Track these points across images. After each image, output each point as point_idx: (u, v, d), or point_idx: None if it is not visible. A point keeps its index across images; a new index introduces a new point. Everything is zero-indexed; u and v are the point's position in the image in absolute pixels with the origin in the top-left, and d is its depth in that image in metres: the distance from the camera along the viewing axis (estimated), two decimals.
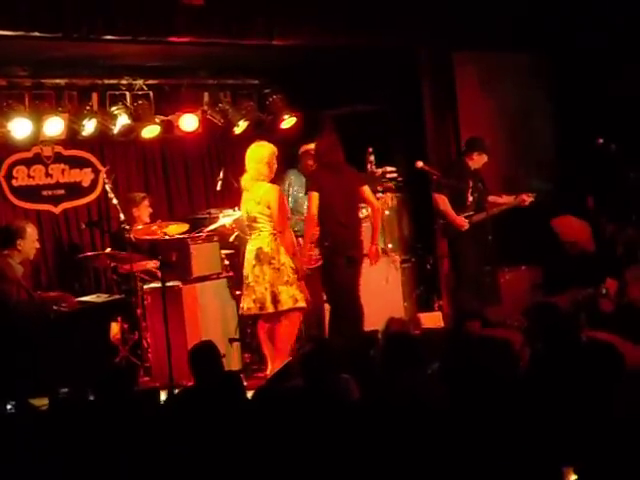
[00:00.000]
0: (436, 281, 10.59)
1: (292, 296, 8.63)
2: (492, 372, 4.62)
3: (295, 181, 9.93)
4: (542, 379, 4.96)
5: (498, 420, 4.30)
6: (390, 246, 10.51)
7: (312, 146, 9.23)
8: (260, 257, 8.68)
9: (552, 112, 11.83)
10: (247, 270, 8.75)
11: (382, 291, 9.85)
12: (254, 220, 8.73)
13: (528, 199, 9.84)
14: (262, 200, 8.65)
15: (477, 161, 9.86)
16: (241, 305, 8.85)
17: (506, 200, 9.98)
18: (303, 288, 8.72)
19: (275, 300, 8.69)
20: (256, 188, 8.73)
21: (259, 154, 8.86)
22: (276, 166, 8.84)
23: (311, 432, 4.50)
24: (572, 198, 10.97)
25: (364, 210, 9.36)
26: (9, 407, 6.47)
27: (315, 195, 8.62)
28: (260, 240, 8.66)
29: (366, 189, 8.94)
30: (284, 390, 5.67)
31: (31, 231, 8.40)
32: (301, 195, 9.20)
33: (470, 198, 9.81)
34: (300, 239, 9.04)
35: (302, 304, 8.70)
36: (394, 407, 4.61)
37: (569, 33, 11.04)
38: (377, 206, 9.11)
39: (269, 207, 8.61)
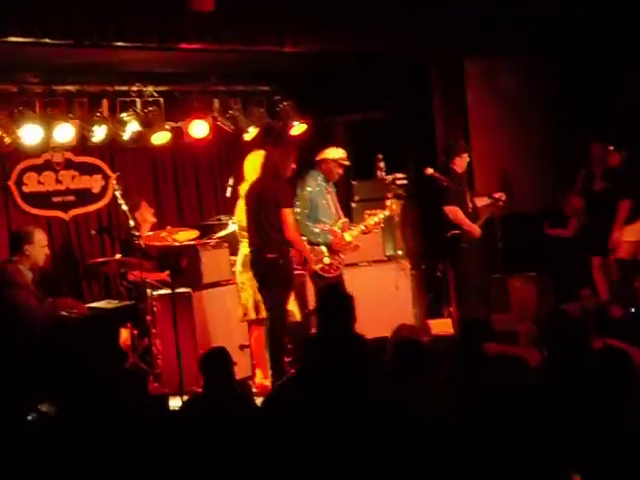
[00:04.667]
0: (446, 288, 10.56)
1: None
2: (506, 385, 4.61)
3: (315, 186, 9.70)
4: (553, 386, 4.94)
5: (507, 428, 4.29)
6: (400, 253, 10.51)
7: (334, 152, 9.20)
8: (245, 264, 8.79)
9: (561, 116, 11.81)
10: (237, 277, 9.02)
11: (392, 297, 9.85)
12: (244, 229, 8.82)
13: (502, 198, 9.81)
14: None
15: (460, 164, 9.85)
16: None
17: (484, 202, 9.96)
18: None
19: (257, 307, 8.83)
20: None
21: (254, 163, 8.90)
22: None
23: (320, 439, 4.50)
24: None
25: (378, 215, 9.31)
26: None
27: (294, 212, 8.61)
28: (247, 247, 8.72)
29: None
30: (293, 397, 5.66)
31: (39, 236, 8.39)
32: (319, 202, 9.09)
33: (470, 205, 9.82)
34: (322, 247, 9.00)
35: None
36: (403, 414, 4.60)
37: (576, 39, 11.03)
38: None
39: None
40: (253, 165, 8.94)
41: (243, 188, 8.99)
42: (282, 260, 8.44)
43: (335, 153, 9.20)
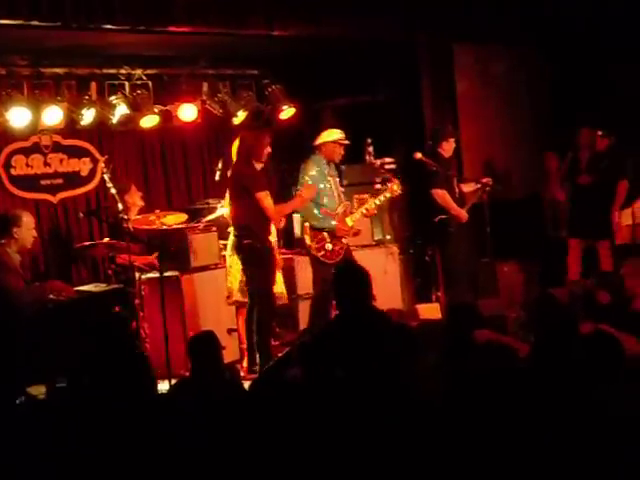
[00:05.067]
0: (434, 272, 10.58)
1: None
2: (492, 371, 4.62)
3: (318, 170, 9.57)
4: (539, 371, 4.96)
5: (494, 413, 4.30)
6: (388, 237, 10.53)
7: (332, 134, 9.18)
8: (233, 248, 8.89)
9: (550, 102, 11.83)
10: (227, 260, 9.10)
11: (380, 282, 9.79)
12: None
13: (489, 183, 9.83)
14: None
15: (447, 149, 9.85)
16: None
17: (471, 188, 9.97)
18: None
19: (243, 290, 8.92)
20: None
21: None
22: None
23: (309, 424, 4.50)
24: None
25: (379, 198, 9.31)
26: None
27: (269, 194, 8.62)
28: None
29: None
30: (281, 381, 5.67)
31: (27, 219, 8.37)
32: (321, 186, 9.08)
33: (457, 189, 9.83)
34: (325, 233, 9.01)
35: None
36: (391, 399, 4.61)
37: (565, 25, 11.03)
38: None
39: None
40: (235, 149, 9.00)
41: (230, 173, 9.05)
42: (259, 244, 8.49)
43: (333, 134, 9.17)
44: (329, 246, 8.98)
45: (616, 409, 4.22)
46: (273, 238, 8.90)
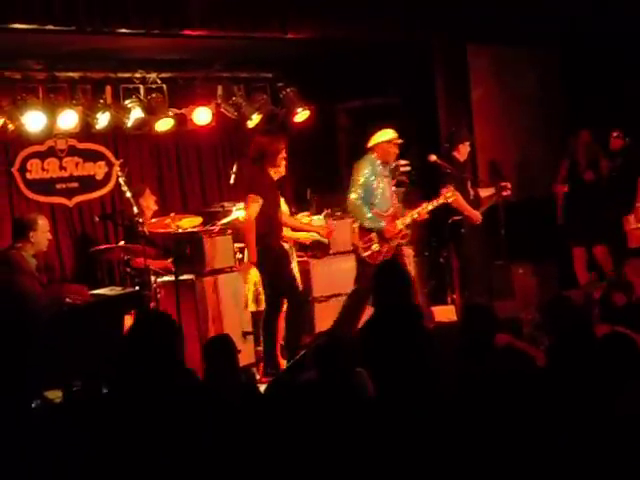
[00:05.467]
0: (449, 274, 10.56)
1: None
2: (508, 372, 4.62)
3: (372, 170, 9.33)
4: (555, 373, 4.95)
5: (508, 414, 4.30)
6: (403, 240, 10.50)
7: (384, 134, 9.16)
8: None
9: (564, 102, 11.80)
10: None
11: None
12: None
13: (508, 189, 9.80)
14: None
15: (463, 152, 9.84)
16: None
17: (489, 193, 9.95)
18: None
19: (257, 299, 8.96)
20: None
21: None
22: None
23: (324, 426, 4.50)
24: None
25: (432, 203, 9.28)
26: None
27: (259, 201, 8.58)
28: None
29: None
30: (297, 384, 5.66)
31: (42, 223, 8.39)
32: (374, 186, 9.04)
33: (472, 192, 9.81)
34: (374, 234, 9.00)
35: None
36: (407, 402, 4.61)
37: (580, 30, 11.00)
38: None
39: None
40: None
41: None
42: (264, 251, 8.50)
43: (386, 135, 9.14)
44: (376, 247, 8.98)
45: (632, 410, 4.21)
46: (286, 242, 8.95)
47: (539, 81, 11.74)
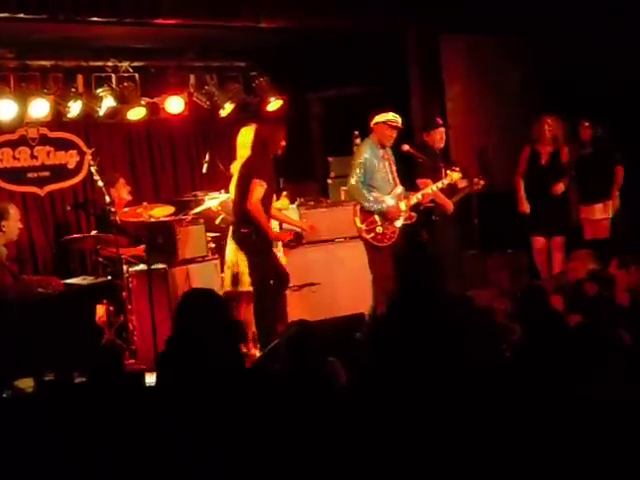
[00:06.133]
0: None
1: None
2: (480, 361, 4.62)
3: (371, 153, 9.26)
4: (528, 362, 4.96)
5: (484, 406, 4.31)
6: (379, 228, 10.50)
7: (383, 115, 9.12)
8: (230, 237, 8.87)
9: (540, 92, 11.81)
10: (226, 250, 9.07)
11: (369, 274, 9.84)
12: None
13: (481, 182, 9.81)
14: None
15: (436, 140, 9.78)
16: None
17: (463, 184, 9.96)
18: None
19: (235, 281, 8.88)
20: None
21: (244, 139, 8.93)
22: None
23: (297, 416, 4.50)
24: None
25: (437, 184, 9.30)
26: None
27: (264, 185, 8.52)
28: None
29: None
30: (269, 373, 5.65)
31: (14, 212, 8.36)
32: (374, 167, 9.02)
33: (446, 181, 9.82)
34: (376, 216, 9.01)
35: None
36: (381, 392, 4.61)
37: (556, 17, 11.01)
38: None
39: None
40: (242, 141, 8.97)
41: (234, 166, 9.04)
42: (254, 235, 8.46)
43: (384, 116, 9.11)
44: (380, 229, 8.98)
45: (602, 400, 4.23)
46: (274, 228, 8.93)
47: (515, 71, 11.73)
